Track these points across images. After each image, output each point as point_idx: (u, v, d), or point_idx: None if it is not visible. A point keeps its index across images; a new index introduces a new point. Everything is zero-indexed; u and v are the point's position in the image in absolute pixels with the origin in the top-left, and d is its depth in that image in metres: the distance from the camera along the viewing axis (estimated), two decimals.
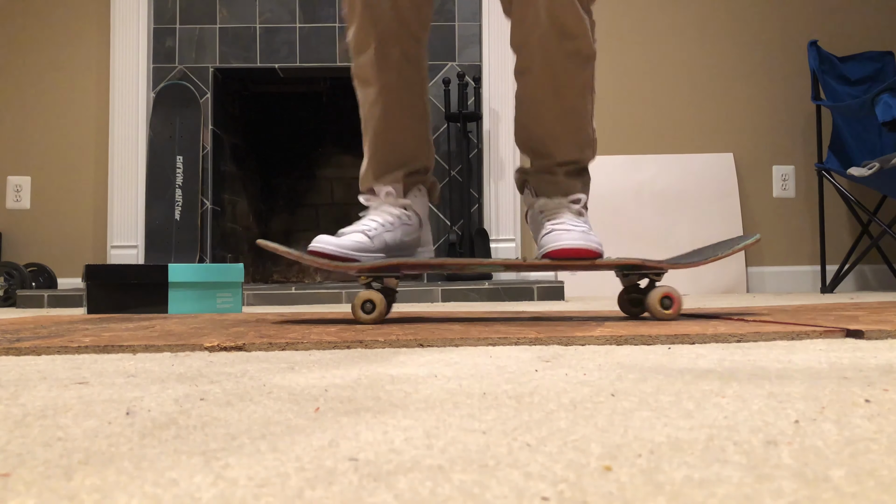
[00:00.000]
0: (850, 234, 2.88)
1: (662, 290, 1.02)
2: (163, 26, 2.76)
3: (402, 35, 1.10)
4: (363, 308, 1.02)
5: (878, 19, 2.91)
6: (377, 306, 1.03)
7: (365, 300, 1.02)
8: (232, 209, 2.96)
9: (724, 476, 0.27)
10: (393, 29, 1.09)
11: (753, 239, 1.05)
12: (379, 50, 1.09)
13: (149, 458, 0.31)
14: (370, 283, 1.06)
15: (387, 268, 1.05)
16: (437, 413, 0.40)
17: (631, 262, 1.05)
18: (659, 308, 1.02)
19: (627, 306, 1.16)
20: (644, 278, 1.10)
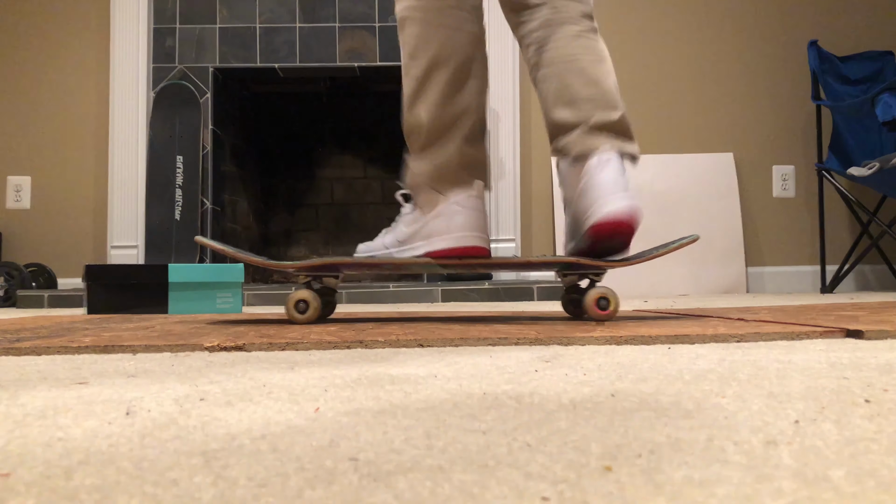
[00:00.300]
0: (850, 234, 2.88)
1: (599, 291, 1.01)
2: (163, 26, 2.76)
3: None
4: (296, 307, 1.01)
5: (878, 19, 2.91)
6: (310, 305, 1.01)
7: (298, 300, 1.01)
8: (232, 209, 2.96)
9: (724, 476, 0.27)
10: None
11: (690, 238, 1.05)
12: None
13: (149, 458, 0.31)
14: (308, 283, 1.05)
15: (324, 267, 1.03)
16: (437, 413, 0.40)
17: (566, 260, 1.04)
18: (595, 309, 1.01)
19: (569, 307, 1.15)
20: (584, 278, 1.09)
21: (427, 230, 1.05)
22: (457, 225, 1.02)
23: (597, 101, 1.03)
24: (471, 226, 1.02)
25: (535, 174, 2.82)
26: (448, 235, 1.02)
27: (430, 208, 1.05)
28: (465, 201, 1.03)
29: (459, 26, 1.04)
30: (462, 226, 1.02)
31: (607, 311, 1.01)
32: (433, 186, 1.04)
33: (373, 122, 3.42)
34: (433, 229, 1.04)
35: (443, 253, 1.02)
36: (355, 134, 3.43)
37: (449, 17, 1.03)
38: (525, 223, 2.81)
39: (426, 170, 1.04)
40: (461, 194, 1.03)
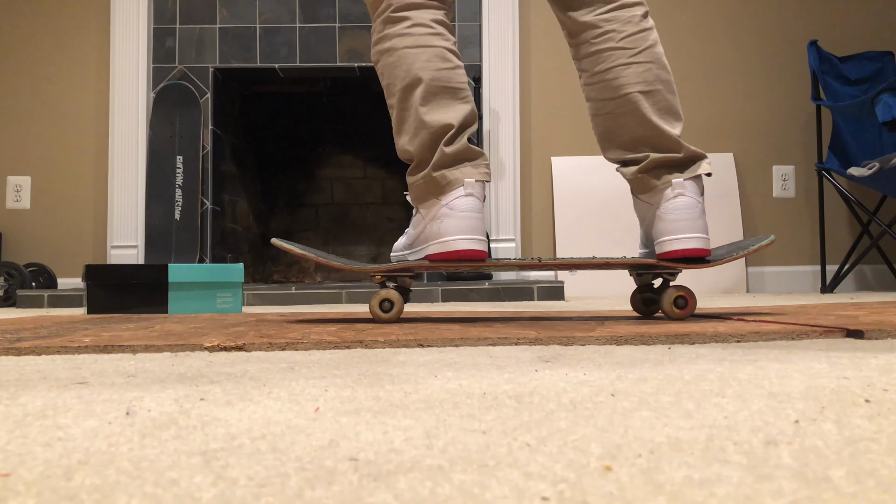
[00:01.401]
0: (850, 234, 2.88)
1: (676, 291, 1.03)
2: (163, 26, 2.76)
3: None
4: (381, 307, 1.04)
5: (878, 19, 2.91)
6: (395, 305, 1.05)
7: (383, 299, 1.05)
8: (232, 209, 2.96)
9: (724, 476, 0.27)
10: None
11: (769, 240, 1.06)
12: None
13: (149, 458, 0.31)
14: (384, 283, 1.07)
15: (401, 269, 1.06)
16: (437, 413, 0.40)
17: (644, 261, 1.06)
18: (673, 308, 1.03)
19: (640, 305, 1.17)
20: (658, 278, 1.11)
21: (426, 234, 1.07)
22: (447, 229, 1.03)
23: (653, 143, 1.06)
24: (460, 229, 1.02)
25: (535, 174, 2.82)
26: (440, 240, 1.03)
27: (427, 211, 1.06)
28: (456, 203, 1.03)
29: (424, 44, 1.05)
30: (451, 230, 1.03)
31: (685, 310, 1.03)
32: (427, 194, 1.05)
33: (373, 122, 3.42)
34: (430, 233, 1.05)
35: (437, 257, 1.04)
36: (355, 134, 3.43)
37: (410, 38, 1.05)
38: (525, 223, 2.81)
39: (418, 182, 1.06)
40: (452, 196, 1.03)
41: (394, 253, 1.15)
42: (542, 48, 2.85)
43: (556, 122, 2.84)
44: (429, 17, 1.06)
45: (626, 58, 1.06)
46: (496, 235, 2.74)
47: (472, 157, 1.06)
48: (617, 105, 1.07)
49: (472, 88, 2.78)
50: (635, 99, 1.05)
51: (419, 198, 1.07)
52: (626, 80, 1.06)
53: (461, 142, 1.05)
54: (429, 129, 1.04)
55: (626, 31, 1.07)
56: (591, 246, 2.72)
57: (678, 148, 1.06)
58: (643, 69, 1.06)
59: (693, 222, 1.03)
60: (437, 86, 1.04)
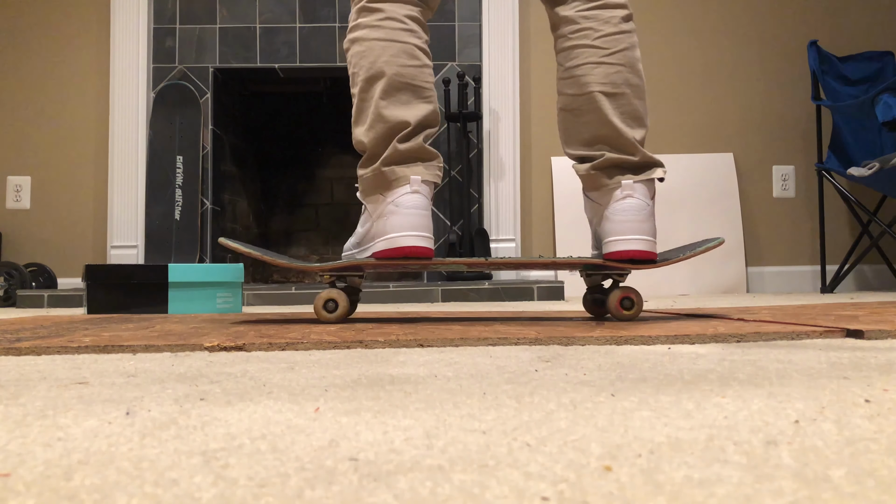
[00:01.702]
0: (850, 234, 2.88)
1: (622, 292, 1.03)
2: (163, 26, 2.76)
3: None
4: (325, 307, 1.03)
5: (878, 19, 2.91)
6: (339, 305, 1.03)
7: (327, 299, 1.03)
8: (232, 209, 2.96)
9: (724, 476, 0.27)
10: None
11: (716, 242, 1.06)
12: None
13: (149, 458, 0.31)
14: (334, 282, 1.06)
15: (350, 267, 1.05)
16: (437, 413, 0.40)
17: (590, 261, 1.05)
18: (619, 309, 1.02)
19: (591, 307, 1.16)
20: (608, 279, 1.10)
21: (372, 231, 1.06)
22: (392, 226, 1.02)
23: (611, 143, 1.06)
24: (405, 226, 1.01)
25: (535, 174, 2.82)
26: (385, 237, 1.02)
27: (374, 209, 1.06)
28: (401, 200, 1.02)
29: (393, 38, 1.05)
30: (397, 226, 1.02)
31: (631, 311, 1.02)
32: (374, 188, 1.04)
33: None
34: (376, 231, 1.05)
35: (383, 254, 1.02)
36: None
37: (380, 31, 1.05)
38: (525, 223, 2.81)
39: (367, 175, 1.05)
40: (398, 193, 1.03)
41: (345, 252, 1.14)
42: (542, 48, 2.85)
43: (556, 122, 2.84)
44: (403, 12, 1.07)
45: (597, 57, 1.06)
46: (496, 235, 2.74)
47: (426, 158, 1.05)
48: (582, 102, 1.07)
49: (474, 88, 2.78)
50: (599, 98, 1.05)
51: (366, 191, 1.06)
52: (593, 79, 1.06)
53: (416, 140, 1.04)
54: (385, 123, 1.03)
55: (603, 30, 1.06)
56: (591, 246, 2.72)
57: (634, 151, 1.05)
58: (613, 70, 1.06)
59: (640, 224, 1.02)
60: (400, 82, 1.04)
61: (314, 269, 1.04)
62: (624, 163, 1.05)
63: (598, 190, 1.07)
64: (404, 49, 1.05)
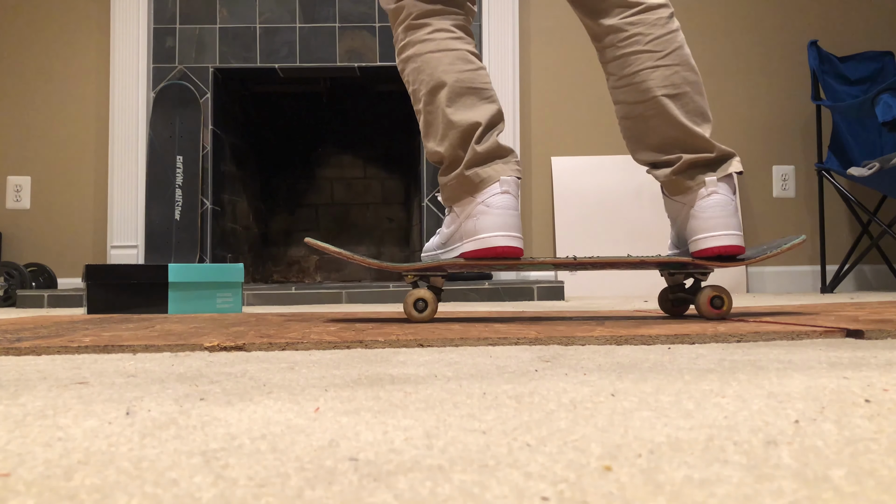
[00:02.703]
0: (850, 234, 2.88)
1: (712, 290, 1.03)
2: (163, 26, 2.76)
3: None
4: (415, 306, 1.04)
5: (878, 19, 2.91)
6: (429, 304, 1.04)
7: (417, 298, 1.04)
8: (232, 209, 2.96)
9: (724, 476, 0.27)
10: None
11: (800, 240, 1.07)
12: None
13: (149, 458, 0.31)
14: (416, 282, 1.08)
15: (434, 267, 1.06)
16: (437, 413, 0.40)
17: (678, 259, 1.06)
18: (710, 308, 1.03)
19: (669, 306, 1.17)
20: (689, 277, 1.11)
21: (461, 232, 1.07)
22: (483, 226, 1.03)
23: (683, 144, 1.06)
24: (497, 226, 1.03)
25: (535, 174, 2.82)
26: (476, 238, 1.03)
27: (461, 209, 1.07)
28: (493, 200, 1.04)
29: (446, 48, 1.06)
30: (488, 227, 1.03)
31: (721, 309, 1.03)
32: (461, 193, 1.05)
33: (373, 122, 3.42)
34: (465, 231, 1.06)
35: (473, 254, 1.04)
36: (355, 134, 3.43)
37: (432, 43, 1.06)
38: (525, 223, 2.81)
39: (451, 182, 1.06)
40: (488, 194, 1.04)
41: (425, 253, 1.15)
42: (542, 48, 2.85)
43: (556, 122, 2.84)
44: (449, 22, 1.08)
45: (653, 61, 1.06)
46: None
47: (503, 155, 1.06)
48: (646, 108, 1.07)
49: None
50: (664, 102, 1.06)
51: (452, 197, 1.07)
52: (654, 84, 1.06)
53: (491, 139, 1.05)
54: (457, 129, 1.04)
55: (653, 33, 1.07)
56: (591, 246, 2.72)
57: (710, 147, 1.05)
58: (671, 72, 1.06)
59: (727, 219, 1.02)
60: (462, 87, 1.05)
61: (401, 269, 1.05)
62: (702, 161, 1.05)
63: (682, 193, 1.07)
64: (459, 56, 1.06)
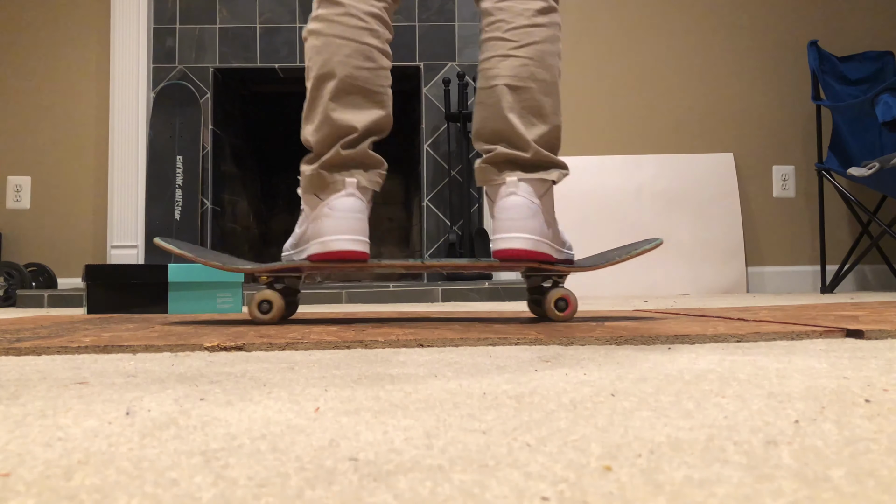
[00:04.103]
0: (850, 234, 2.88)
1: (557, 292, 1.02)
2: (163, 26, 2.76)
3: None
4: (259, 308, 1.02)
5: (878, 19, 2.91)
6: (274, 305, 1.02)
7: (261, 300, 1.02)
8: (232, 209, 2.96)
9: (724, 476, 0.27)
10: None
11: (654, 244, 1.06)
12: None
13: (149, 458, 0.31)
14: (272, 283, 1.06)
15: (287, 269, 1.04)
16: (437, 413, 0.40)
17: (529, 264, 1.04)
18: (553, 310, 1.02)
19: (534, 307, 1.16)
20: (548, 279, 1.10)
21: (308, 233, 1.03)
22: (325, 228, 1.00)
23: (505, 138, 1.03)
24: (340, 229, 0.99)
25: None
26: (319, 240, 1.00)
27: (310, 210, 1.03)
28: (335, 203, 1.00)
29: (350, 37, 1.02)
30: (330, 229, 0.99)
31: (565, 311, 1.02)
32: (312, 189, 1.02)
33: None
34: (311, 233, 1.02)
35: (318, 257, 1.00)
36: None
37: (337, 27, 1.01)
38: None
39: (308, 173, 1.02)
40: (332, 197, 1.00)
41: (284, 253, 1.12)
42: None
43: None
44: (364, 8, 1.03)
45: (505, 49, 1.03)
46: None
47: (368, 165, 1.03)
48: (487, 95, 1.04)
49: (474, 88, 2.78)
50: (501, 92, 1.02)
51: (304, 189, 1.04)
52: (498, 72, 1.03)
53: (360, 147, 1.02)
54: (332, 126, 1.01)
55: (515, 22, 1.03)
56: (591, 246, 2.72)
57: (526, 148, 1.02)
58: (519, 63, 1.02)
59: (523, 222, 1.00)
60: (352, 84, 1.01)
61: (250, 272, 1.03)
62: (515, 158, 1.02)
63: (488, 185, 1.04)
64: (360, 50, 1.02)
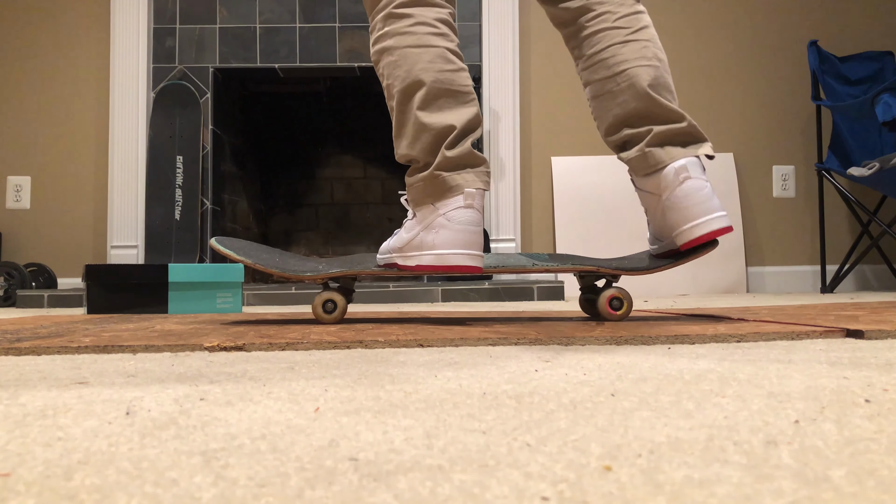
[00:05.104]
0: (850, 234, 2.88)
1: (612, 292, 1.03)
2: (163, 26, 2.76)
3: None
4: (324, 308, 1.05)
5: (878, 19, 2.91)
6: (338, 306, 1.05)
7: (326, 300, 1.05)
8: (232, 209, 2.96)
9: (724, 476, 0.27)
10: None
11: (710, 245, 1.06)
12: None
13: (149, 458, 0.31)
14: (327, 284, 1.08)
15: (344, 275, 1.07)
16: (437, 413, 0.40)
17: (586, 267, 1.05)
18: (608, 309, 1.03)
19: (587, 307, 1.17)
20: (601, 279, 1.11)
21: (419, 240, 1.02)
22: (442, 241, 0.99)
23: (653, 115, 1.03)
24: (457, 243, 0.99)
25: (535, 174, 2.82)
26: (433, 252, 0.99)
27: (422, 218, 1.02)
28: (454, 214, 0.99)
29: (427, 44, 1.01)
30: (448, 243, 0.99)
31: (619, 311, 1.03)
32: (425, 196, 1.01)
33: (373, 122, 3.42)
34: (424, 241, 1.01)
35: (429, 269, 1.00)
36: (355, 134, 3.43)
37: (411, 37, 1.01)
38: (525, 223, 2.81)
39: (417, 184, 1.02)
40: (450, 206, 1.00)
41: (381, 255, 1.11)
42: (542, 48, 2.85)
43: (556, 122, 2.84)
44: (432, 15, 1.03)
45: (622, 36, 1.05)
46: (496, 235, 2.74)
47: (475, 164, 1.02)
48: (616, 83, 1.04)
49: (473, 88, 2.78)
50: (634, 73, 1.03)
51: (417, 200, 1.03)
52: (624, 57, 1.04)
53: (464, 146, 1.01)
54: (430, 132, 1.00)
55: (620, 11, 1.06)
56: (591, 246, 2.72)
57: (681, 118, 1.02)
58: (641, 46, 1.04)
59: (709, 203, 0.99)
60: (439, 88, 1.01)
61: (311, 279, 1.04)
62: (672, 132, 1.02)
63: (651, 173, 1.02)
64: (439, 54, 1.01)
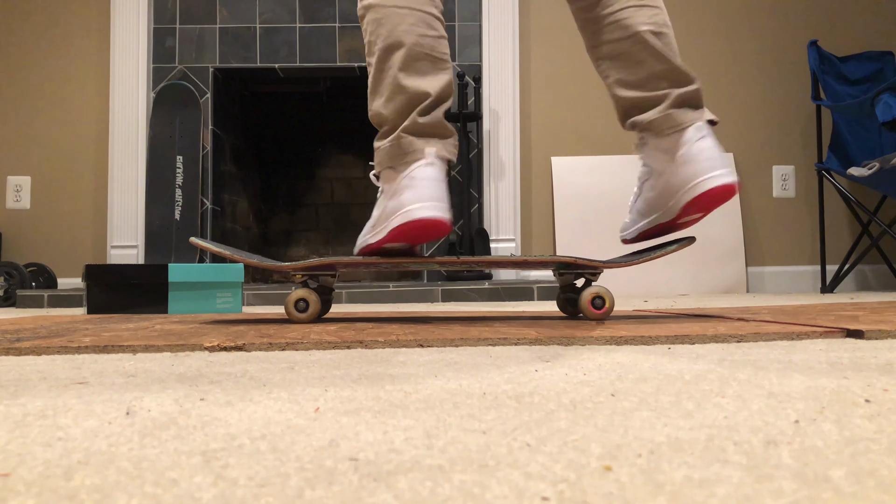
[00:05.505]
0: (850, 234, 2.88)
1: (593, 290, 1.02)
2: (163, 26, 2.76)
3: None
4: (296, 306, 1.01)
5: (878, 19, 2.91)
6: (311, 305, 1.02)
7: (298, 298, 1.02)
8: (232, 209, 2.96)
9: (724, 476, 0.27)
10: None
11: (687, 240, 1.06)
12: None
13: (149, 459, 0.31)
14: (306, 282, 1.05)
15: (321, 266, 1.03)
16: (437, 413, 0.40)
17: (564, 259, 1.04)
18: (590, 307, 1.02)
19: (565, 306, 1.15)
20: (580, 278, 1.10)
21: (387, 210, 1.02)
22: (407, 198, 0.98)
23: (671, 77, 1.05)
24: (421, 196, 0.98)
25: (535, 174, 2.82)
26: (401, 212, 0.98)
27: (389, 187, 1.02)
28: (416, 173, 0.99)
29: (412, 6, 1.02)
30: (413, 198, 0.98)
31: (602, 310, 1.02)
32: (390, 162, 1.01)
33: None
34: (392, 208, 1.00)
35: (402, 228, 0.99)
36: (355, 134, 3.43)
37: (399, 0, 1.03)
38: (525, 223, 2.81)
39: (384, 146, 1.01)
40: (412, 167, 0.99)
41: (360, 239, 1.11)
42: (542, 48, 2.85)
43: (556, 122, 2.84)
44: None
45: (636, 1, 1.07)
46: (496, 235, 2.74)
47: (444, 135, 1.03)
48: (632, 44, 1.06)
49: (473, 88, 2.78)
50: (647, 36, 1.05)
51: (381, 163, 1.02)
52: (639, 20, 1.06)
53: (436, 114, 1.02)
54: (405, 94, 1.00)
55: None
56: (591, 246, 2.72)
57: (693, 80, 1.05)
58: (653, 12, 1.07)
59: (722, 160, 1.01)
60: (419, 52, 1.02)
61: (286, 269, 1.02)
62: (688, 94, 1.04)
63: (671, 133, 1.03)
64: (422, 18, 1.03)
